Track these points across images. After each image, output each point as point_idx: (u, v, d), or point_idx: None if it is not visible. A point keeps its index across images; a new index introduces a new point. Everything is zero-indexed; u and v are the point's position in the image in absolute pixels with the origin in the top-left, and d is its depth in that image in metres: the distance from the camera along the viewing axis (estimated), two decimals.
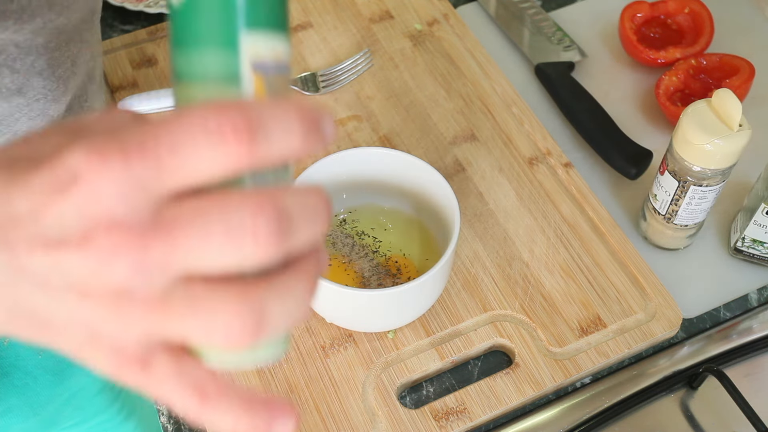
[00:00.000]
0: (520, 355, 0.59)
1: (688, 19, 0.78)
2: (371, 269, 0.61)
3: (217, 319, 0.26)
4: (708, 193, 0.59)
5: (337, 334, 0.60)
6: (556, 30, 0.81)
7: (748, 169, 0.69)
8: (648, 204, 0.64)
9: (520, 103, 0.74)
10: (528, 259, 0.64)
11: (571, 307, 0.61)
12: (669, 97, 0.73)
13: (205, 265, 0.26)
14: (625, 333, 0.60)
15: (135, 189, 0.26)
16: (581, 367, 0.58)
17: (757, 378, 0.60)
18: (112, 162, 0.26)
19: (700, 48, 0.75)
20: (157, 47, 0.78)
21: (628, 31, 0.77)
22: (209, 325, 0.26)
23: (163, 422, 0.58)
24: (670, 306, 0.61)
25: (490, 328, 0.60)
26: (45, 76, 0.56)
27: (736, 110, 0.55)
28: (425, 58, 0.77)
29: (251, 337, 0.26)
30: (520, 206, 0.67)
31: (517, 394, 0.57)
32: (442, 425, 0.56)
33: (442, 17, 0.81)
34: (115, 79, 0.76)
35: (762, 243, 0.62)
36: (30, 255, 0.27)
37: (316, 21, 0.80)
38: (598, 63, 0.80)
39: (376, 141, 0.71)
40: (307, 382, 0.58)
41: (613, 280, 0.62)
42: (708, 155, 0.56)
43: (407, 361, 0.58)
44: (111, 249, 0.26)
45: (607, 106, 0.74)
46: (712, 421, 0.58)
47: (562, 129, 0.75)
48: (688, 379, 0.60)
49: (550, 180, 0.68)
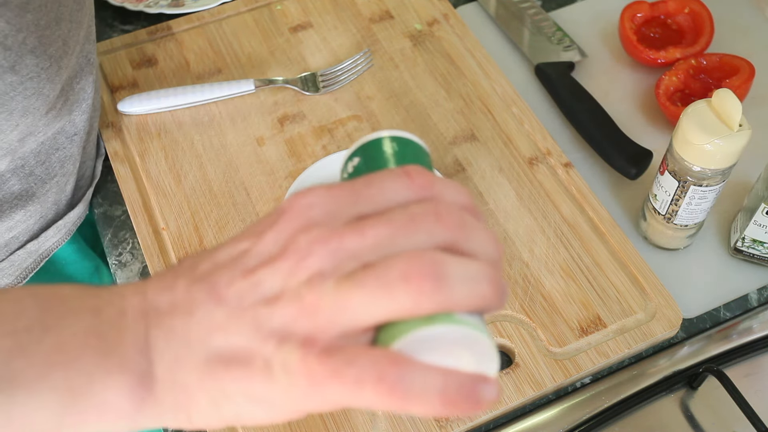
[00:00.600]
0: (520, 355, 0.59)
1: (688, 19, 0.78)
2: None
3: (397, 268, 0.31)
4: (708, 193, 0.59)
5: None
6: (556, 30, 0.81)
7: (748, 169, 0.69)
8: (648, 204, 0.64)
9: (520, 103, 0.74)
10: (528, 259, 0.64)
11: (571, 307, 0.61)
12: (669, 97, 0.73)
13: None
14: (625, 333, 0.60)
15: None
16: (581, 367, 0.58)
17: (757, 378, 0.60)
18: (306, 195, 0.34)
19: (700, 48, 0.75)
20: (157, 47, 0.78)
21: (628, 31, 0.77)
22: (393, 281, 0.31)
23: None
24: (670, 306, 0.61)
25: (490, 328, 0.60)
26: (37, 54, 0.56)
27: (736, 110, 0.55)
28: (425, 58, 0.77)
29: (432, 286, 0.30)
30: (520, 206, 0.67)
31: (517, 394, 0.57)
32: (442, 425, 0.56)
33: (442, 17, 0.81)
34: (115, 79, 0.76)
35: (762, 243, 0.62)
36: (230, 284, 0.33)
37: (316, 21, 0.80)
38: (598, 63, 0.80)
39: None
40: None
41: (613, 280, 0.62)
42: (708, 155, 0.56)
43: None
44: (299, 252, 0.32)
45: (607, 106, 0.74)
46: (712, 421, 0.58)
47: (562, 129, 0.75)
48: (688, 379, 0.60)
49: (550, 180, 0.68)
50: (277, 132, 0.72)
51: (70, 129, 0.64)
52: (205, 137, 0.72)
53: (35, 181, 0.62)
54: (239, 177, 0.69)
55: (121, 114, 0.73)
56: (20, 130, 0.58)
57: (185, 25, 0.80)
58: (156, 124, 0.72)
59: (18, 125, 0.58)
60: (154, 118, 0.73)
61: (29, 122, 0.59)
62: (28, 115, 0.58)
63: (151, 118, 0.73)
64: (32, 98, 0.57)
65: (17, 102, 0.56)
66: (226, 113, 0.73)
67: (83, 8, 0.62)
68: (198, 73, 0.76)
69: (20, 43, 0.54)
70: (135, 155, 0.70)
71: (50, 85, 0.58)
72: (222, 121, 0.73)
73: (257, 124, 0.72)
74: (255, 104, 0.74)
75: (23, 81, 0.56)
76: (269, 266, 0.32)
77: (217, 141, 0.71)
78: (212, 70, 0.76)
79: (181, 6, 0.82)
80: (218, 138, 0.71)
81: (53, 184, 0.64)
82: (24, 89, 0.56)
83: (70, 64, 0.60)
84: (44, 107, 0.59)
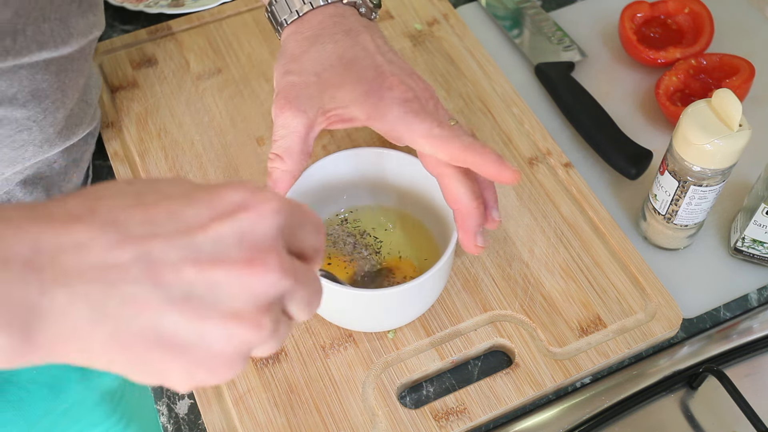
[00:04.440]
0: (520, 355, 0.59)
1: (688, 19, 0.78)
2: (372, 269, 0.61)
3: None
4: (708, 193, 0.59)
5: (337, 334, 0.60)
6: (556, 30, 0.81)
7: (748, 169, 0.69)
8: (648, 204, 0.64)
9: (520, 103, 0.74)
10: (528, 259, 0.64)
11: (571, 307, 0.61)
12: (669, 97, 0.73)
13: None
14: (625, 333, 0.60)
15: (282, 227, 0.33)
16: (581, 367, 0.58)
17: (757, 378, 0.60)
18: (273, 200, 0.33)
19: (700, 48, 0.75)
20: (157, 47, 0.78)
21: (628, 31, 0.77)
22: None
23: (163, 422, 0.58)
24: (670, 306, 0.61)
25: (490, 328, 0.60)
26: (29, 107, 0.54)
27: (736, 110, 0.55)
28: (425, 58, 0.77)
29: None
30: (520, 206, 0.67)
31: (517, 394, 0.57)
32: (442, 425, 0.56)
33: (442, 17, 0.81)
34: (115, 79, 0.76)
35: (762, 243, 0.62)
36: (177, 272, 0.30)
37: None
38: (598, 63, 0.80)
39: (376, 141, 0.71)
40: (307, 382, 0.58)
41: (613, 280, 0.62)
42: (708, 155, 0.56)
43: (407, 361, 0.58)
44: (266, 267, 0.31)
45: (607, 106, 0.74)
46: (712, 421, 0.58)
47: (562, 129, 0.75)
48: (688, 379, 0.60)
49: (550, 180, 0.68)
50: None
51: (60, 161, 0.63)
52: (205, 137, 0.72)
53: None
54: (239, 177, 0.69)
55: (121, 114, 0.73)
56: (7, 176, 0.57)
57: (185, 25, 0.80)
58: (156, 124, 0.72)
59: (3, 174, 0.56)
60: (154, 118, 0.73)
61: (17, 168, 0.57)
62: (16, 164, 0.56)
63: (151, 118, 0.73)
64: (20, 150, 0.56)
65: (3, 153, 0.55)
66: (226, 113, 0.73)
67: (88, 55, 0.61)
68: (198, 73, 0.76)
69: (11, 98, 0.53)
70: (135, 155, 0.70)
71: (42, 135, 0.56)
72: (222, 121, 0.73)
73: (257, 124, 0.72)
74: (255, 104, 0.74)
75: (11, 134, 0.54)
76: (228, 272, 0.31)
77: (217, 141, 0.71)
78: (212, 70, 0.76)
79: (181, 6, 0.82)
80: (218, 138, 0.72)
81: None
82: (12, 141, 0.55)
83: (65, 113, 0.59)
84: (35, 156, 0.58)
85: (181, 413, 0.58)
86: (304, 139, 0.53)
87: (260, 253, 0.31)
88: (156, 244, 0.30)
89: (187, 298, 0.30)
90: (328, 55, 0.54)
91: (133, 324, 0.30)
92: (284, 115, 0.53)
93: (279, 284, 0.32)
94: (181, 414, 0.58)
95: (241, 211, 0.32)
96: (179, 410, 0.59)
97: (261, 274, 0.31)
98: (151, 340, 0.30)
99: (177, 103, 0.74)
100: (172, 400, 0.59)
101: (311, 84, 0.53)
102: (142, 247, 0.30)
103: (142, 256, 0.30)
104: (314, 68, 0.54)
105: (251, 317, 0.31)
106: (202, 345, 0.31)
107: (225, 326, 0.31)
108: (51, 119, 0.56)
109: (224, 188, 0.33)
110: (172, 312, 0.30)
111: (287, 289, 0.32)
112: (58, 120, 0.58)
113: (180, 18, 0.81)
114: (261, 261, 0.31)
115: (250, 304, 0.31)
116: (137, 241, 0.30)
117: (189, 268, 0.30)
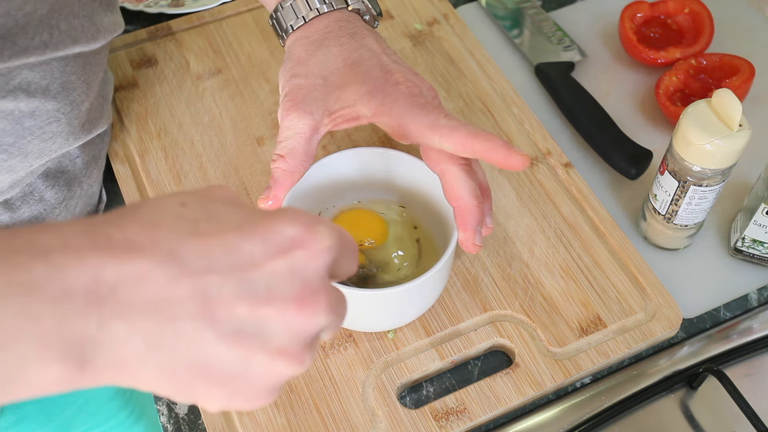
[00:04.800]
0: (520, 355, 0.59)
1: (688, 19, 0.78)
2: (371, 269, 0.61)
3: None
4: (708, 193, 0.59)
5: (337, 334, 0.60)
6: (556, 30, 0.81)
7: (748, 169, 0.69)
8: (648, 204, 0.64)
9: (520, 103, 0.74)
10: (528, 259, 0.64)
11: (571, 307, 0.61)
12: (669, 97, 0.73)
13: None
14: (625, 333, 0.60)
15: (332, 262, 0.34)
16: (581, 367, 0.58)
17: (757, 378, 0.60)
18: (327, 239, 0.34)
19: (700, 48, 0.75)
20: (157, 47, 0.78)
21: (628, 31, 0.77)
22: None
23: (163, 422, 0.58)
24: (670, 306, 0.61)
25: (490, 328, 0.60)
26: (59, 99, 0.56)
27: (736, 110, 0.55)
28: (425, 58, 0.77)
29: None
30: (520, 206, 0.67)
31: (517, 394, 0.57)
32: (442, 425, 0.56)
33: (442, 17, 0.81)
34: (115, 79, 0.76)
35: (762, 243, 0.62)
36: (230, 309, 0.31)
37: None
38: (598, 63, 0.80)
39: (376, 141, 0.71)
40: (307, 382, 0.58)
41: (613, 280, 0.62)
42: (708, 155, 0.56)
43: (407, 361, 0.58)
44: (316, 309, 0.33)
45: (607, 106, 0.74)
46: (712, 421, 0.58)
47: (562, 129, 0.75)
48: (688, 379, 0.60)
49: (550, 180, 0.68)
50: (277, 132, 0.72)
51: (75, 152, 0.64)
52: (205, 137, 0.72)
53: (45, 207, 0.62)
54: (239, 177, 0.69)
55: (122, 114, 0.73)
56: (34, 168, 0.58)
57: (185, 25, 0.80)
58: (156, 124, 0.72)
59: (32, 165, 0.57)
60: (154, 118, 0.73)
61: (44, 161, 0.58)
62: (44, 156, 0.58)
63: (151, 118, 0.73)
64: (49, 141, 0.57)
65: (34, 145, 0.56)
66: (226, 113, 0.73)
67: (107, 50, 0.63)
68: (198, 73, 0.76)
69: (44, 89, 0.54)
70: (135, 155, 0.70)
71: (69, 128, 0.58)
72: (222, 121, 0.73)
73: (257, 124, 0.72)
74: (255, 104, 0.74)
75: (42, 125, 0.56)
76: (280, 310, 0.32)
77: (217, 141, 0.71)
78: (212, 70, 0.76)
79: (181, 6, 0.82)
80: (218, 138, 0.71)
81: (62, 208, 0.63)
82: (42, 133, 0.56)
83: (89, 104, 0.60)
84: (61, 148, 0.59)
85: (181, 413, 0.58)
86: (308, 140, 0.54)
87: (311, 294, 0.33)
88: (212, 279, 0.31)
89: (238, 334, 0.31)
90: (334, 57, 0.55)
91: (184, 356, 0.31)
92: (290, 117, 0.54)
93: (324, 323, 0.33)
94: (181, 414, 0.58)
95: (296, 248, 0.33)
96: (179, 410, 0.59)
97: (310, 315, 0.32)
98: (199, 372, 0.31)
99: (177, 103, 0.74)
100: (172, 401, 0.59)
101: (318, 86, 0.54)
102: (199, 283, 0.31)
103: (198, 292, 0.31)
104: (321, 71, 0.55)
105: (295, 353, 0.33)
106: (246, 377, 0.32)
107: (271, 362, 0.32)
108: (77, 111, 0.58)
109: (279, 221, 0.33)
110: (222, 347, 0.31)
111: (329, 324, 0.34)
112: (82, 113, 0.59)
113: (180, 18, 0.81)
114: (312, 302, 0.33)
115: (295, 342, 0.32)
116: (194, 276, 0.31)
117: (242, 305, 0.31)
